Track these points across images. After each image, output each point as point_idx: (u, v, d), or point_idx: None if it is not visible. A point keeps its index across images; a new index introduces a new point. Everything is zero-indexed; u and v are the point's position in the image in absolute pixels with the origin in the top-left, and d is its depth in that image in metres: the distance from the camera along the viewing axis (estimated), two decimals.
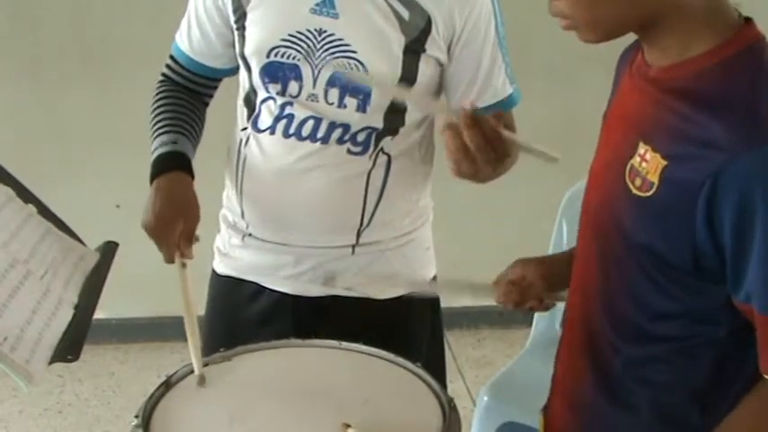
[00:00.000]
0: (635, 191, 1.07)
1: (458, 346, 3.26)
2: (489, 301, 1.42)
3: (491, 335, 3.44)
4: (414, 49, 1.49)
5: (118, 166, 3.00)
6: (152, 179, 1.51)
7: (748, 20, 1.06)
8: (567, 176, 1.90)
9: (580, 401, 1.25)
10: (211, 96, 1.68)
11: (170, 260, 1.44)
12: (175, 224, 1.44)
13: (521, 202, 3.11)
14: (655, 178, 1.04)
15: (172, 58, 1.66)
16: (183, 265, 1.42)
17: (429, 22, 1.47)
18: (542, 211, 2.62)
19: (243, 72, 1.59)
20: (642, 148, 1.07)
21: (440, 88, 1.58)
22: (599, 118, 1.28)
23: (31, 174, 1.41)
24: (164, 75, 1.67)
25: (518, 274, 1.38)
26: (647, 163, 1.06)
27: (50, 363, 1.09)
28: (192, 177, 1.53)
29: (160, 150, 1.54)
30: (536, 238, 2.43)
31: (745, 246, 0.99)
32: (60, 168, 3.10)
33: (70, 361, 1.11)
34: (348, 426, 1.18)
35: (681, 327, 1.11)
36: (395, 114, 1.53)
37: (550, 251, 2.36)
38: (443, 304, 1.72)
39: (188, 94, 1.66)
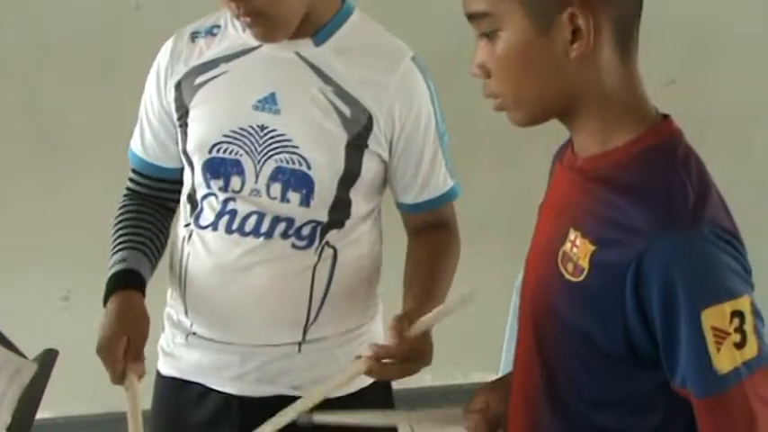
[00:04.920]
0: (567, 276, 1.09)
1: None
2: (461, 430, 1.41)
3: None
4: (356, 145, 1.49)
5: (65, 255, 2.93)
6: (104, 301, 1.50)
7: (666, 116, 1.11)
8: (518, 257, 1.90)
9: None
10: (177, 201, 1.65)
11: (115, 380, 1.41)
12: (118, 342, 1.42)
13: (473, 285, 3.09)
14: (585, 263, 1.07)
15: (132, 170, 1.66)
16: (127, 389, 1.39)
17: (370, 119, 1.48)
18: (496, 293, 2.60)
19: (186, 169, 1.58)
20: (572, 234, 1.10)
21: (384, 183, 1.58)
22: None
23: None
24: (127, 188, 1.67)
25: (481, 404, 1.36)
26: (578, 248, 1.08)
27: None
28: (143, 293, 1.51)
29: (111, 271, 1.53)
30: (491, 321, 2.41)
31: (673, 330, 1.01)
32: (4, 255, 3.02)
33: None
34: None
35: (616, 417, 1.11)
36: (339, 208, 1.52)
37: (507, 333, 2.35)
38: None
39: (150, 203, 1.64)
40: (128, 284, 1.51)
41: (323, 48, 1.49)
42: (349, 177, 1.49)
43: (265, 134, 1.48)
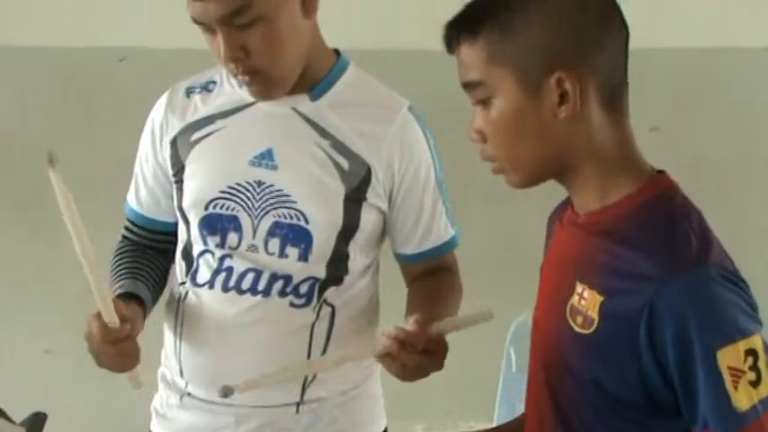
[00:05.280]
0: (578, 329, 1.11)
1: None
2: None
3: None
4: (355, 198, 1.47)
5: (47, 308, 2.88)
6: None
7: (661, 171, 1.15)
8: (512, 304, 1.89)
9: None
10: (172, 250, 1.62)
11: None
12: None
13: (468, 332, 3.06)
14: (595, 314, 1.09)
15: (128, 219, 1.64)
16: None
17: (369, 171, 1.47)
18: (488, 340, 2.58)
19: (181, 226, 1.56)
20: (580, 287, 1.12)
21: (382, 235, 1.56)
22: (539, 243, 1.32)
23: None
24: (122, 236, 1.65)
25: None
26: (586, 300, 1.10)
27: None
28: (144, 314, 1.49)
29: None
30: (483, 369, 2.38)
31: (690, 372, 1.02)
32: None
33: None
34: None
35: None
36: (338, 263, 1.50)
37: (500, 382, 2.33)
38: None
39: (147, 248, 1.62)
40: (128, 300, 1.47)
41: (319, 102, 1.48)
42: (348, 231, 1.48)
43: (263, 190, 1.46)
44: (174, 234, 1.61)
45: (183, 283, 1.55)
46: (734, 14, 2.87)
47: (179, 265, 1.57)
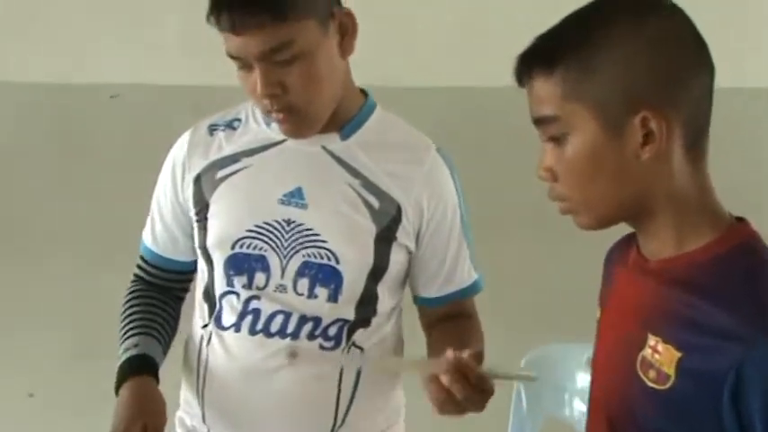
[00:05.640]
0: (650, 383, 1.05)
1: None
2: None
3: None
4: (386, 238, 1.45)
5: (31, 350, 2.80)
6: (116, 390, 1.42)
7: (741, 219, 1.10)
8: (520, 340, 1.86)
9: None
10: (186, 290, 1.60)
11: None
12: (138, 423, 1.35)
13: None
14: (671, 370, 1.03)
15: (141, 257, 1.60)
16: None
17: (399, 210, 1.44)
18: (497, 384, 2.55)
19: (202, 266, 1.52)
20: (652, 340, 1.06)
21: (407, 277, 1.53)
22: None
23: None
24: (135, 275, 1.60)
25: None
26: (660, 355, 1.04)
27: None
28: (157, 379, 1.45)
29: (122, 358, 1.46)
30: (494, 405, 2.34)
31: None
32: None
33: None
34: None
35: None
36: (367, 305, 1.47)
37: (510, 419, 2.29)
38: None
39: (159, 291, 1.58)
40: (141, 370, 1.45)
41: (349, 142, 1.46)
42: (378, 271, 1.45)
43: (292, 229, 1.43)
44: (189, 275, 1.58)
45: (206, 325, 1.50)
46: (739, 54, 2.90)
47: (200, 306, 1.53)
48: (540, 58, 1.06)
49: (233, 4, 1.31)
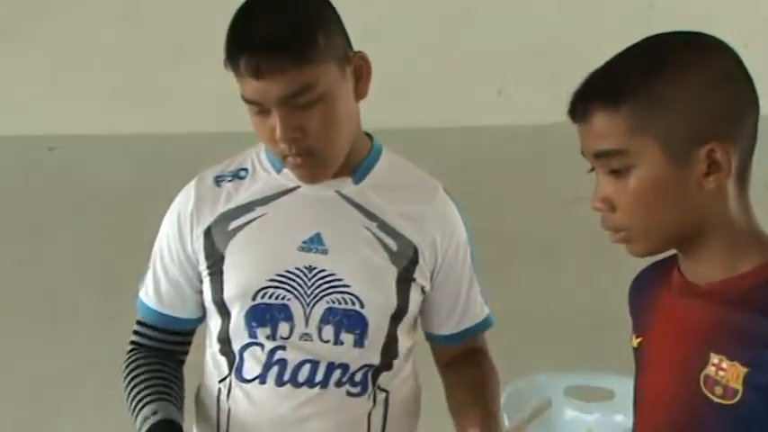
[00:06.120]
0: (717, 399, 1.09)
1: None
2: None
3: None
4: (405, 279, 1.45)
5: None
6: None
7: None
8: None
9: None
10: (186, 354, 1.55)
11: None
12: None
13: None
14: (738, 385, 1.07)
15: (139, 322, 1.54)
16: None
17: (416, 251, 1.45)
18: None
19: (215, 320, 1.48)
20: (715, 358, 1.10)
21: (417, 317, 1.54)
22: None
23: None
24: (132, 343, 1.54)
25: None
26: (726, 371, 1.09)
27: None
28: None
29: (145, 426, 1.40)
30: None
31: None
32: None
33: None
34: None
35: None
36: (389, 347, 1.47)
37: None
38: None
39: (163, 356, 1.52)
40: None
41: (362, 185, 1.46)
42: (400, 313, 1.45)
43: (314, 275, 1.42)
44: (191, 336, 1.54)
45: (224, 378, 1.46)
46: None
47: (213, 360, 1.49)
48: (602, 94, 1.09)
49: (255, 48, 1.29)
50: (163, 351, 1.53)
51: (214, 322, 1.48)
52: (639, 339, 1.26)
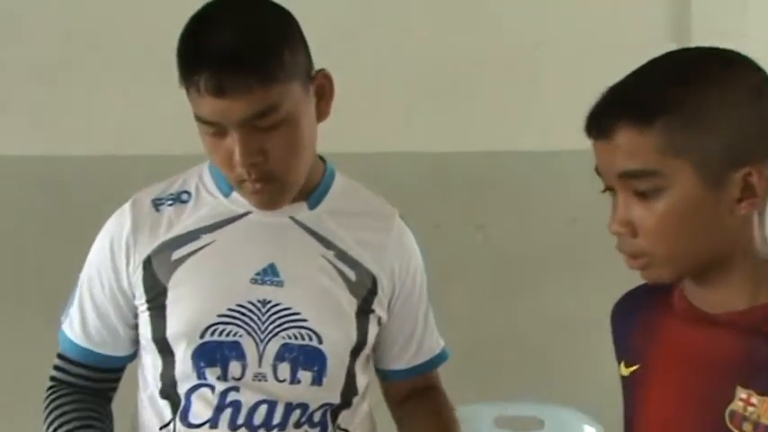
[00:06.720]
0: None
1: None
2: None
3: None
4: (365, 311, 1.37)
5: None
6: None
7: None
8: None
9: None
10: (115, 390, 1.42)
11: None
12: None
13: None
14: None
15: (61, 357, 1.40)
16: None
17: (374, 282, 1.37)
18: None
19: (154, 359, 1.35)
20: (743, 393, 1.04)
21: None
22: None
23: None
24: (53, 379, 1.40)
25: None
26: (756, 407, 1.03)
27: None
28: None
29: None
30: None
31: None
32: None
33: None
34: None
35: None
36: (348, 384, 1.37)
37: None
38: None
39: (89, 393, 1.39)
40: None
41: (317, 211, 1.37)
42: (359, 347, 1.37)
43: (268, 310, 1.31)
44: (121, 373, 1.42)
45: (167, 424, 1.33)
46: None
47: (151, 405, 1.36)
48: (633, 109, 1.01)
49: (217, 64, 1.18)
50: (91, 389, 1.40)
51: (152, 362, 1.35)
52: (633, 368, 1.19)
